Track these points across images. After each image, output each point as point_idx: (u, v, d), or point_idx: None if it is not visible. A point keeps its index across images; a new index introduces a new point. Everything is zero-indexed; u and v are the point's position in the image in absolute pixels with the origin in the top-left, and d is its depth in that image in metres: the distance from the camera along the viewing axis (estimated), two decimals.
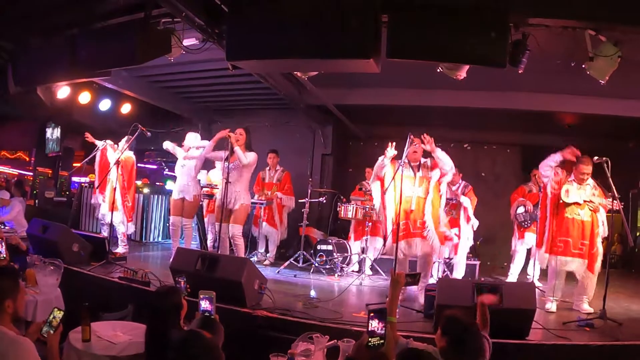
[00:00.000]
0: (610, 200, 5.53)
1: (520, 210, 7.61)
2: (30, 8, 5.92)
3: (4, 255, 4.37)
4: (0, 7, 5.95)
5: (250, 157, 6.76)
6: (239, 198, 6.77)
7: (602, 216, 5.69)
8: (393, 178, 5.76)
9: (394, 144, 5.84)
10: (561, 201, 5.68)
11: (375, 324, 2.64)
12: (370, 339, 2.63)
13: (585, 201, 5.62)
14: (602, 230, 5.67)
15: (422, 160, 6.01)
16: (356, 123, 10.45)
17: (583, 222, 5.63)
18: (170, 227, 7.62)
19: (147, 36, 5.19)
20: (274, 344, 4.34)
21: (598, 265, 5.59)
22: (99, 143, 7.67)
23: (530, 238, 7.46)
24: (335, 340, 3.47)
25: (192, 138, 7.59)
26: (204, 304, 3.19)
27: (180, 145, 7.55)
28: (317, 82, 7.71)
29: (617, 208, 5.55)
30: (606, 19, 4.27)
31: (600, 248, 5.62)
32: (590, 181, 5.72)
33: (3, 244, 4.48)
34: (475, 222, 7.37)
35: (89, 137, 7.75)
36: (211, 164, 8.51)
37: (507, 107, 8.18)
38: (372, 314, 2.65)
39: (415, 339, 3.26)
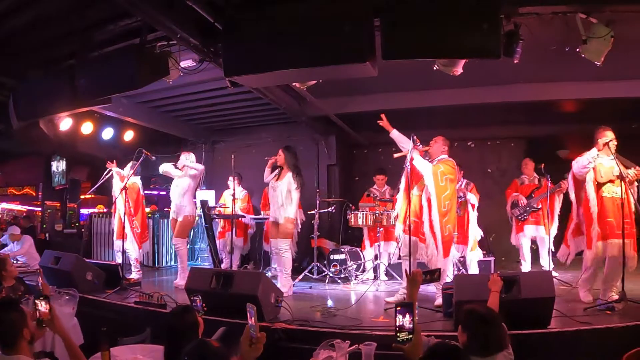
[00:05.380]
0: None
1: (514, 206, 7.73)
2: (28, 42, 5.97)
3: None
4: None
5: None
6: (285, 212, 6.66)
7: (633, 194, 5.41)
8: (400, 177, 5.97)
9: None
10: (596, 182, 5.48)
11: (402, 319, 2.61)
12: (398, 334, 2.60)
13: (617, 176, 5.34)
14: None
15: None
16: (359, 131, 10.44)
17: (622, 200, 5.31)
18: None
19: (144, 60, 5.24)
20: (295, 355, 4.34)
21: None
22: (114, 169, 7.71)
23: (530, 230, 7.55)
24: (357, 345, 3.44)
25: (184, 158, 7.58)
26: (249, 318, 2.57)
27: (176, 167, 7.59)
28: (316, 93, 7.73)
29: None
30: (594, 0, 4.26)
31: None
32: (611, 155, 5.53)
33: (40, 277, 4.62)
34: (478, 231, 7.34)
35: (109, 164, 7.77)
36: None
37: (506, 100, 8.11)
38: (399, 309, 2.62)
39: (436, 337, 3.23)
